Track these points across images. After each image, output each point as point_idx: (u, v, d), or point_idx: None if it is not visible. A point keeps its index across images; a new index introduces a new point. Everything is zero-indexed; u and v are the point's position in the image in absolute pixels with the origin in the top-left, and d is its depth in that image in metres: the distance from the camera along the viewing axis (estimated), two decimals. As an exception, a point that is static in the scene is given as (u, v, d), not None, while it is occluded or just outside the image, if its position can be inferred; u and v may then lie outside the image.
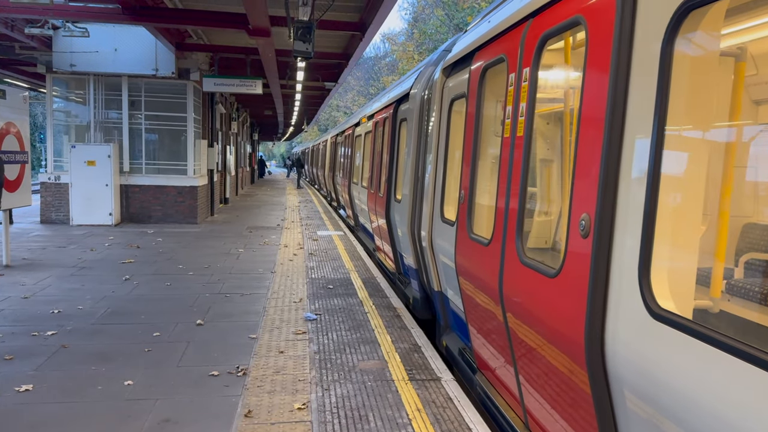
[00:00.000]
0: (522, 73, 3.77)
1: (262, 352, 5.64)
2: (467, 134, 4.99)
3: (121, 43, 14.31)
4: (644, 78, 2.48)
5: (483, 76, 4.67)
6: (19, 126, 9.60)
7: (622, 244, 2.54)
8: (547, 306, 3.15)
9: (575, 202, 2.91)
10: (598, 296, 2.65)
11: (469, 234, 4.71)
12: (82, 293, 7.72)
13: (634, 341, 2.42)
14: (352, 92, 66.29)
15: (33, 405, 4.38)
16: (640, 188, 2.43)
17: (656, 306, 2.30)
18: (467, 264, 4.74)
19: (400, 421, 4.24)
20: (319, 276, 9.23)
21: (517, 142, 3.76)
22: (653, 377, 2.29)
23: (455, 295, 5.39)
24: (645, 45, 2.50)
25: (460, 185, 5.05)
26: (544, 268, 3.24)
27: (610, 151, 2.61)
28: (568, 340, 2.89)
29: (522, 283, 3.53)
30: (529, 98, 3.65)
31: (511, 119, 3.91)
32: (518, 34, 3.89)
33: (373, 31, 11.90)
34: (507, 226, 3.84)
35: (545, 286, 3.18)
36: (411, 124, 7.29)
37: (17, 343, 5.73)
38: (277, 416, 4.27)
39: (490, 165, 4.84)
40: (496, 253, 4.03)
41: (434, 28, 37.69)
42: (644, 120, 2.45)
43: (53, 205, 14.60)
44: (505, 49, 4.15)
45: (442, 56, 6.73)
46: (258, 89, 15.87)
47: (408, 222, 7.11)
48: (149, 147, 15.26)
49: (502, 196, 3.96)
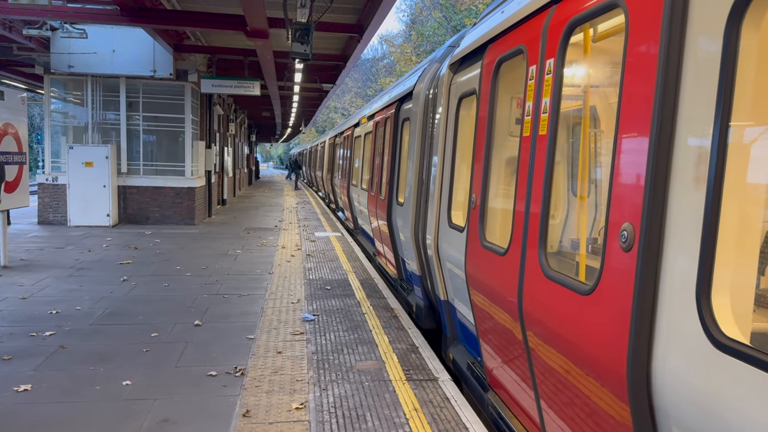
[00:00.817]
0: (545, 66, 3.40)
1: (260, 353, 5.66)
2: (479, 134, 4.62)
3: (119, 45, 14.33)
4: (701, 67, 2.15)
5: (497, 71, 4.31)
6: (17, 127, 9.61)
7: (674, 259, 2.21)
8: (577, 327, 2.80)
9: (614, 210, 2.56)
10: (645, 319, 2.30)
11: (481, 242, 4.36)
12: (81, 294, 7.73)
13: (689, 373, 2.10)
14: (349, 94, 66.37)
15: (32, 405, 4.40)
16: (699, 194, 2.12)
17: (718, 332, 1.98)
18: (479, 274, 4.41)
19: (398, 420, 4.26)
20: (316, 277, 9.26)
21: (540, 142, 3.41)
22: (713, 415, 1.99)
23: (464, 306, 5.08)
24: (703, 27, 2.16)
25: (471, 189, 4.67)
26: (575, 283, 2.88)
27: (659, 153, 2.29)
28: (605, 369, 2.56)
29: (546, 300, 3.17)
30: (554, 93, 3.28)
31: (531, 116, 3.56)
32: (540, 22, 3.54)
33: (371, 33, 11.94)
34: (527, 235, 3.50)
35: (576, 304, 2.82)
36: (414, 124, 6.97)
37: (16, 344, 5.74)
38: (275, 416, 4.30)
39: (507, 167, 4.52)
40: (514, 264, 3.69)
41: (432, 30, 37.77)
42: (702, 117, 2.14)
43: (51, 206, 14.60)
44: (523, 39, 3.78)
45: (449, 52, 6.42)
46: (256, 91, 15.90)
47: (411, 226, 6.80)
48: (147, 148, 15.27)
49: (522, 201, 3.61)
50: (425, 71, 7.03)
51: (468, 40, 5.29)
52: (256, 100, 23.30)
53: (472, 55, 5.17)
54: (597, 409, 2.70)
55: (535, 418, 3.62)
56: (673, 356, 2.18)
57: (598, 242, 4.95)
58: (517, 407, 3.96)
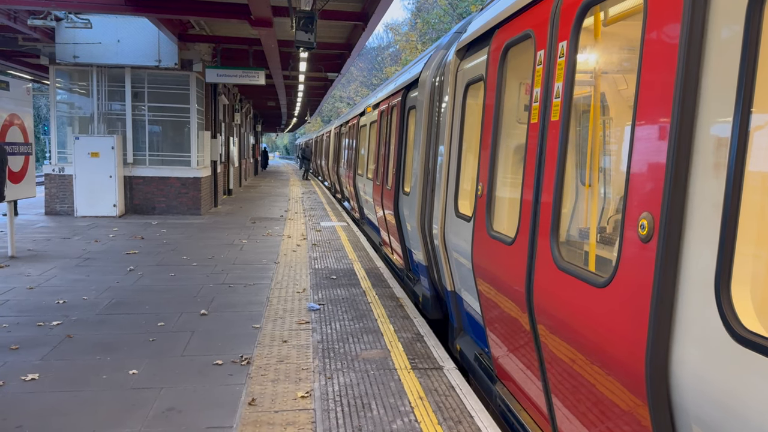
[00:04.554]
0: (557, 49, 3.29)
1: (265, 342, 5.67)
2: (486, 121, 4.50)
3: (123, 35, 14.30)
4: (724, 49, 2.07)
5: (505, 56, 4.21)
6: (23, 118, 9.62)
7: (696, 250, 2.15)
8: (592, 321, 2.72)
9: (632, 200, 2.47)
10: (664, 313, 2.22)
11: (488, 231, 4.28)
12: (87, 284, 7.77)
13: (708, 368, 2.04)
14: (355, 83, 66.13)
15: (39, 394, 4.43)
16: (719, 183, 2.05)
17: (738, 326, 1.92)
18: (486, 264, 4.33)
19: (403, 409, 4.27)
20: (322, 266, 9.26)
21: (552, 128, 3.30)
22: (734, 412, 1.93)
23: (471, 296, 5.03)
24: (726, 3, 2.06)
25: (478, 177, 4.58)
26: (589, 275, 2.78)
27: (681, 141, 2.20)
28: (621, 364, 2.49)
29: (558, 292, 3.09)
30: (567, 78, 3.15)
31: (540, 102, 3.46)
32: (549, 3, 3.46)
33: (376, 21, 11.85)
34: (538, 224, 3.39)
35: (591, 296, 2.73)
36: (420, 112, 6.85)
37: (23, 333, 5.77)
38: (280, 404, 4.31)
39: (515, 155, 4.41)
40: (522, 254, 3.62)
41: (437, 18, 37.49)
42: (724, 102, 2.05)
43: (57, 197, 14.66)
44: (533, 22, 3.67)
45: (455, 38, 6.28)
46: (261, 80, 15.85)
47: (417, 216, 6.71)
48: (153, 138, 15.28)
49: (530, 189, 3.51)
50: (431, 58, 6.91)
51: (475, 25, 5.18)
52: (261, 90, 23.26)
53: (480, 41, 5.07)
54: (612, 406, 2.62)
55: (544, 411, 3.56)
56: (694, 351, 2.11)
57: (607, 232, 4.88)
58: (526, 399, 3.91)
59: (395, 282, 8.38)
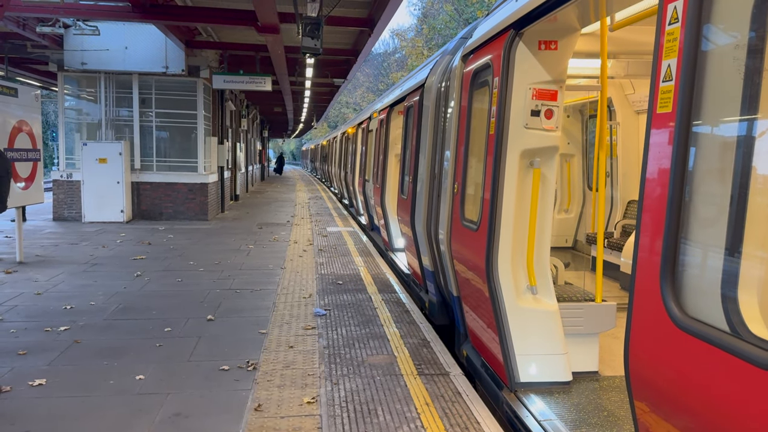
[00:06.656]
0: None
1: (272, 347, 5.67)
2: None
3: (131, 41, 14.40)
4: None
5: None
6: (32, 124, 9.69)
7: None
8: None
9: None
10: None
11: None
12: (94, 289, 7.80)
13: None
14: (361, 88, 66.29)
15: (46, 399, 4.44)
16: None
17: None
18: None
19: (409, 415, 4.25)
20: (328, 272, 9.26)
21: None
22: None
23: None
24: None
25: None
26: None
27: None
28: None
29: None
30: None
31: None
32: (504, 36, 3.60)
33: (382, 27, 11.88)
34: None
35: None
36: (426, 118, 6.83)
37: (30, 338, 5.80)
38: (286, 410, 4.30)
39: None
40: None
41: (443, 23, 37.57)
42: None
43: (65, 203, 14.74)
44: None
45: (461, 43, 6.27)
46: (267, 86, 15.90)
47: (423, 221, 6.68)
48: (160, 144, 15.36)
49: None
50: (437, 63, 6.89)
51: (481, 30, 5.20)
52: (267, 96, 23.33)
53: (485, 46, 5.06)
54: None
55: None
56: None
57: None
58: None
59: (401, 288, 8.37)
